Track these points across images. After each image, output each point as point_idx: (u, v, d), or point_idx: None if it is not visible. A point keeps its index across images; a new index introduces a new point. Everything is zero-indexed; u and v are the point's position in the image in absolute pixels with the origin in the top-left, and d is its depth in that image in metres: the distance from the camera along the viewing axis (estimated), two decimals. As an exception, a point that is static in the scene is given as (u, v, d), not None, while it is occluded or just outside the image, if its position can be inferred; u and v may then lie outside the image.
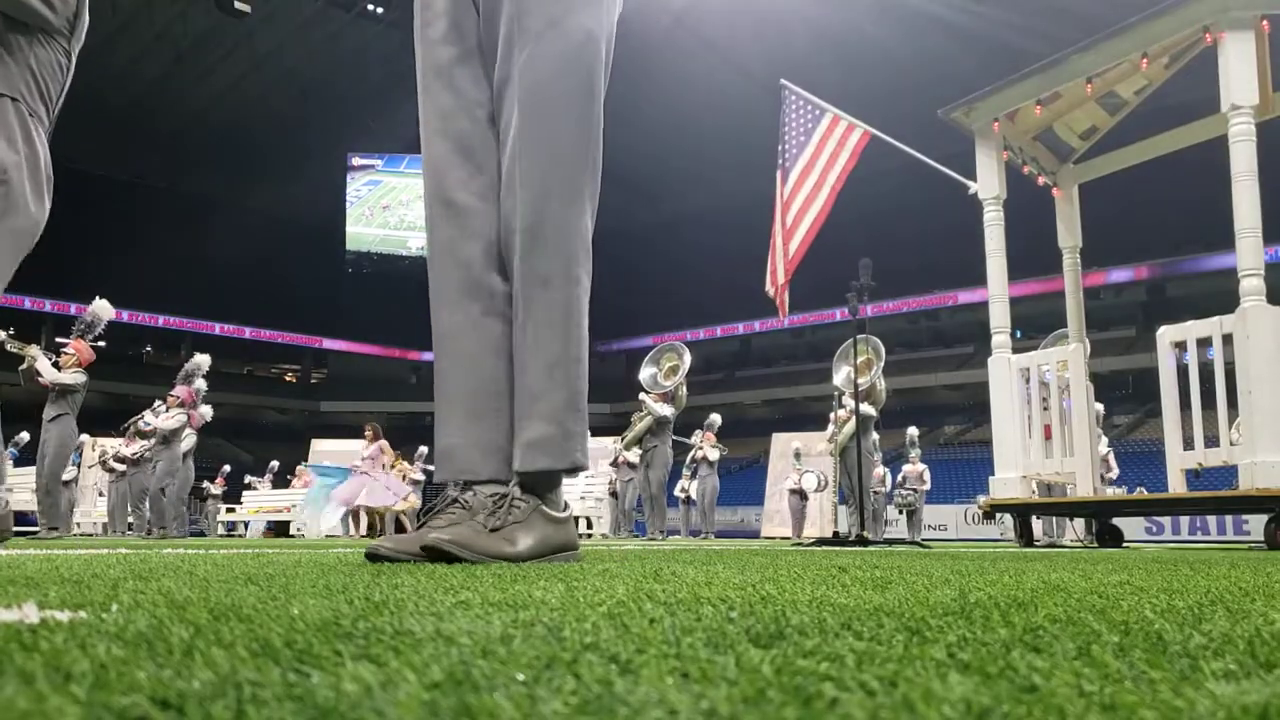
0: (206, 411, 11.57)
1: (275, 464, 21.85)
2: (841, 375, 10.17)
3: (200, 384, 11.07)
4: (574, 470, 1.94)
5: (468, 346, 2.00)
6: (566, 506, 1.99)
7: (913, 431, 16.50)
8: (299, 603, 0.86)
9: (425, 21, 2.11)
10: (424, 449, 17.36)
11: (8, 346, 7.83)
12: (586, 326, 2.00)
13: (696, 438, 13.91)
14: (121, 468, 12.63)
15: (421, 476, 15.58)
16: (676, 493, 16.17)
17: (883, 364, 10.15)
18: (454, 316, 2.01)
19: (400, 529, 12.22)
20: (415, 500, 13.17)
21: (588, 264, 2.00)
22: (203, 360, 11.08)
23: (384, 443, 12.26)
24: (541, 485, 1.93)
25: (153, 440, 10.99)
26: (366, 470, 11.99)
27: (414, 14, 2.15)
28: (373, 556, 1.84)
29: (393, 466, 12.81)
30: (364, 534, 12.50)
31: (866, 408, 9.99)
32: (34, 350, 7.69)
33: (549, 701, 0.40)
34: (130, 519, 12.32)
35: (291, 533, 17.83)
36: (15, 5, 2.84)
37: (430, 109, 2.09)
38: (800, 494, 16.11)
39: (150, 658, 0.50)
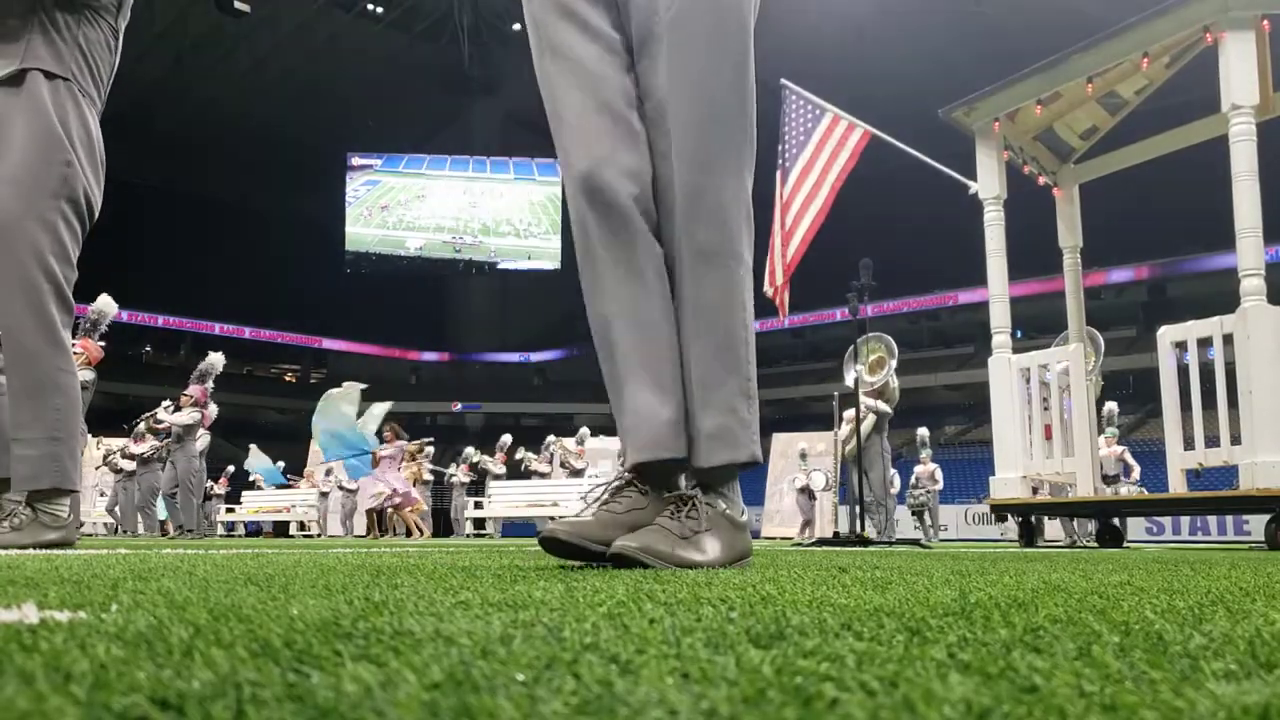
0: (213, 410, 11.60)
1: (281, 464, 21.83)
2: (851, 375, 10.07)
3: (209, 384, 11.11)
4: (752, 463, 1.79)
5: (646, 308, 1.79)
6: (743, 510, 1.83)
7: (923, 432, 16.51)
8: (299, 603, 0.86)
9: None
10: (470, 450, 17.51)
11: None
12: (752, 305, 1.85)
13: None
14: (131, 466, 12.64)
15: (430, 477, 15.62)
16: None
17: (895, 361, 10.05)
18: (623, 273, 1.80)
19: (408, 532, 12.25)
20: (423, 505, 13.20)
21: (751, 237, 1.85)
22: (217, 359, 11.09)
23: (403, 444, 12.31)
24: (720, 481, 1.78)
25: (162, 439, 11.02)
26: (383, 468, 12.05)
27: None
28: (549, 541, 1.70)
29: (410, 461, 12.88)
30: (364, 534, 12.53)
31: (881, 405, 9.89)
32: None
33: (549, 702, 0.40)
34: (141, 519, 12.33)
35: (292, 532, 17.85)
36: None
37: (556, 56, 1.86)
38: (808, 493, 16.09)
39: (150, 658, 0.50)
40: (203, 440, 11.36)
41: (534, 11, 1.91)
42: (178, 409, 10.86)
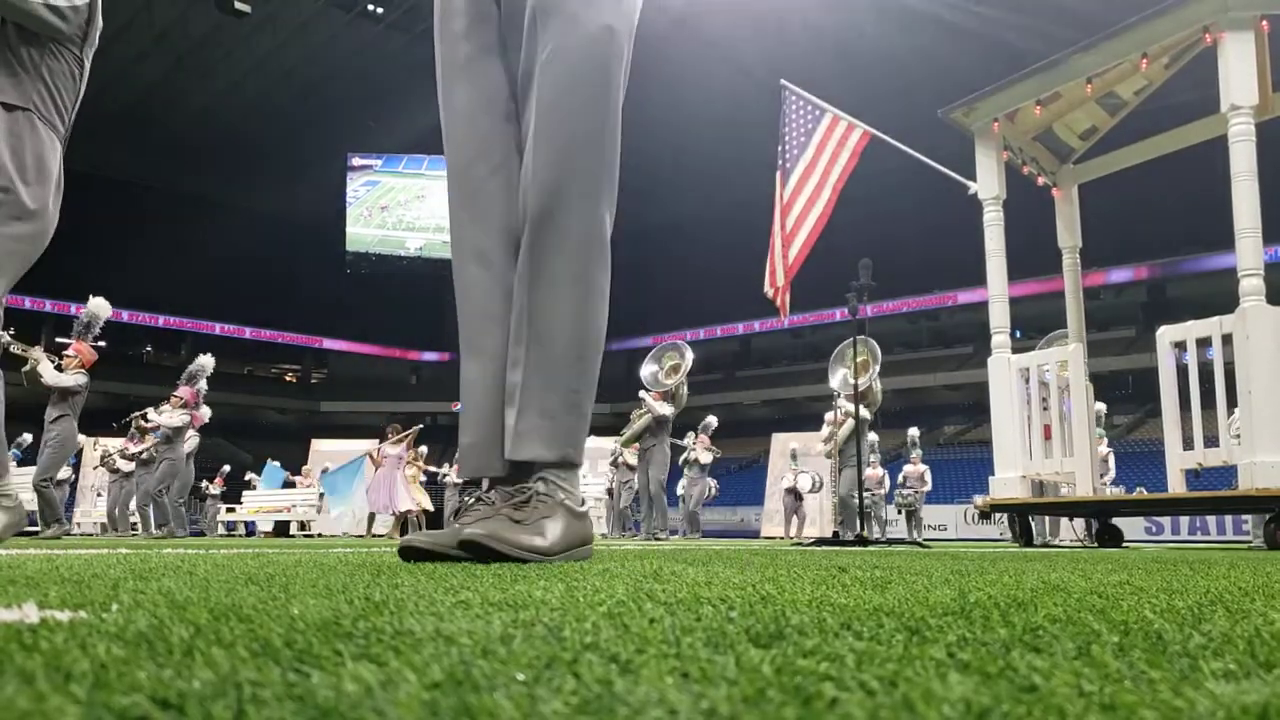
0: (205, 412, 11.59)
1: (277, 464, 21.84)
2: (838, 378, 10.15)
3: (202, 385, 11.09)
4: (563, 464, 1.92)
5: (489, 346, 2.02)
6: (584, 500, 2.00)
7: (914, 432, 16.50)
8: (299, 603, 0.86)
9: (445, 15, 2.10)
10: (423, 449, 17.43)
11: (11, 349, 7.83)
12: (602, 325, 1.98)
13: (690, 439, 13.90)
14: (129, 467, 12.63)
15: (424, 477, 15.65)
16: (678, 491, 16.19)
17: (879, 366, 10.12)
18: (477, 316, 2.03)
19: (404, 531, 12.26)
20: (427, 504, 13.24)
21: (602, 259, 1.97)
22: (207, 362, 11.10)
23: (405, 445, 12.35)
24: (559, 479, 1.92)
25: (158, 439, 11.01)
26: (389, 468, 12.10)
27: (434, 9, 2.13)
28: (407, 550, 1.85)
29: (412, 462, 12.93)
30: (370, 533, 12.55)
31: (862, 410, 9.95)
32: (37, 353, 7.68)
33: (549, 701, 0.40)
34: (134, 519, 12.32)
35: (293, 532, 17.84)
36: (28, 17, 2.86)
37: (452, 106, 2.07)
38: (795, 494, 16.12)
39: (150, 658, 0.50)
40: (191, 442, 11.35)
41: (439, 69, 2.11)
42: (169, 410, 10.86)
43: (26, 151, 2.91)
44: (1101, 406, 11.87)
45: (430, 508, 13.43)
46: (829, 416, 10.73)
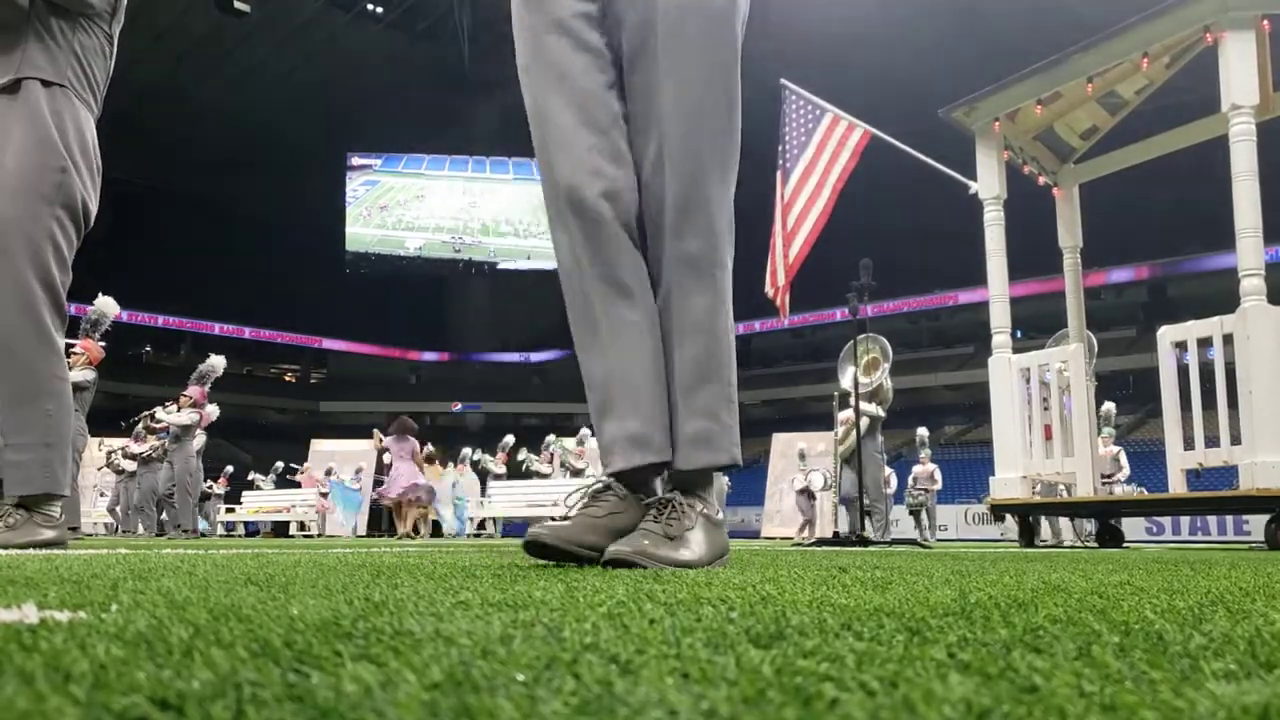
0: (213, 411, 11.61)
1: (280, 464, 21.86)
2: (848, 376, 10.05)
3: (208, 385, 11.12)
4: (731, 466, 1.84)
5: (618, 327, 1.85)
6: (720, 510, 1.89)
7: (922, 432, 16.50)
8: (299, 603, 0.86)
9: None
10: (467, 450, 17.61)
11: None
12: (731, 310, 1.90)
13: None
14: (132, 466, 12.64)
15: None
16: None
17: (890, 363, 10.02)
18: (599, 293, 1.85)
19: (417, 530, 12.28)
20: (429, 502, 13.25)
21: (732, 245, 1.89)
22: (218, 362, 11.11)
23: (413, 441, 12.35)
24: (700, 484, 1.83)
25: (164, 438, 11.03)
26: (396, 462, 12.11)
27: None
28: (533, 545, 1.74)
29: (429, 463, 12.95)
30: (395, 533, 12.56)
31: (875, 408, 9.88)
32: None
33: (549, 702, 0.40)
34: (140, 519, 12.33)
35: (292, 532, 17.85)
36: None
37: (546, 70, 1.89)
38: (808, 493, 16.10)
39: (150, 658, 0.50)
40: (199, 440, 11.36)
41: (529, 23, 1.93)
42: (178, 409, 10.88)
43: (69, 128, 2.91)
44: (1110, 406, 11.88)
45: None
46: (842, 416, 10.56)
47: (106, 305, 8.06)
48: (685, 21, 1.83)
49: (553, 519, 1.86)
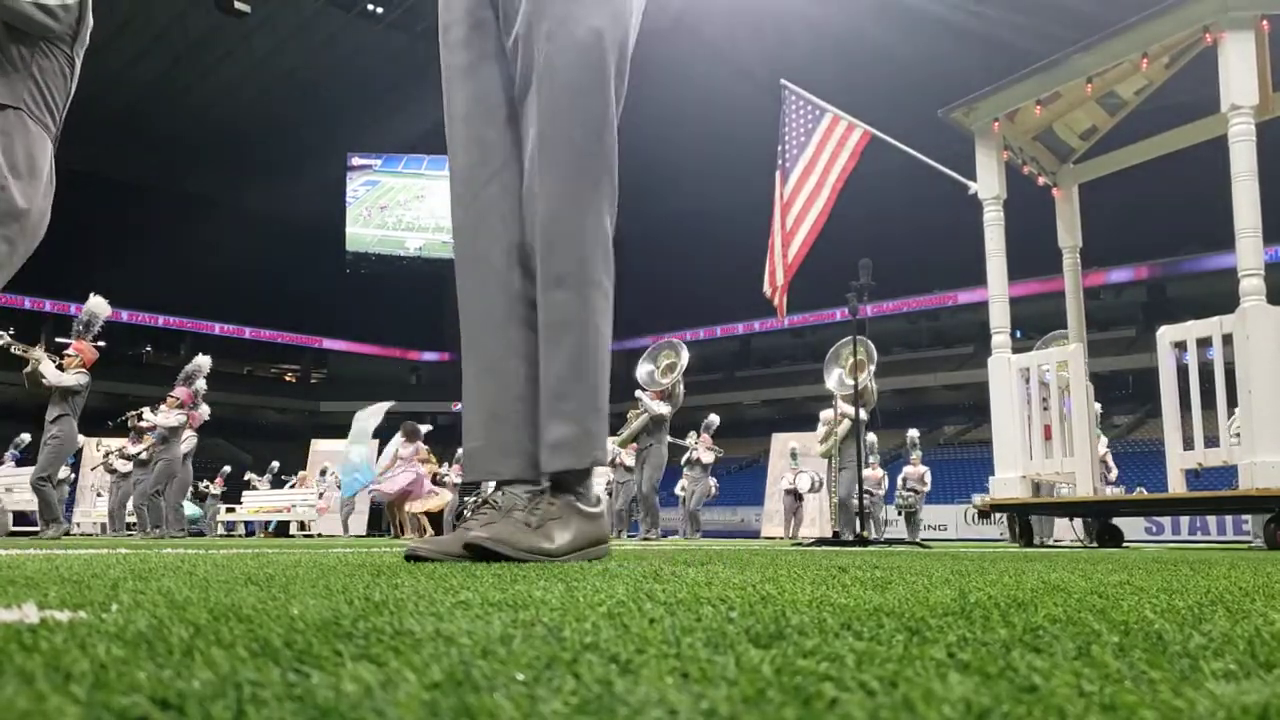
0: (204, 411, 11.58)
1: (276, 464, 21.86)
2: (833, 378, 10.13)
3: (200, 384, 11.09)
4: (594, 466, 1.97)
5: (491, 349, 2.03)
6: (598, 501, 2.02)
7: (913, 433, 16.50)
8: (299, 603, 0.86)
9: (446, 25, 2.13)
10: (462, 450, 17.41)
11: (11, 350, 7.82)
12: (608, 327, 2.01)
13: (692, 439, 13.87)
14: (127, 467, 12.62)
15: (459, 479, 15.69)
16: (677, 491, 16.20)
17: (874, 366, 10.10)
18: (478, 320, 2.06)
19: (422, 530, 12.28)
20: (448, 496, 13.26)
21: (607, 264, 2.00)
22: (204, 362, 11.10)
23: (420, 444, 12.36)
24: (572, 481, 1.96)
25: (155, 439, 11.00)
26: (399, 468, 12.13)
27: (438, 17, 2.16)
28: (412, 557, 1.87)
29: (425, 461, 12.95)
30: (396, 533, 12.56)
31: (846, 407, 9.96)
32: (37, 352, 7.67)
33: (549, 701, 0.40)
34: (132, 520, 12.31)
35: (292, 532, 17.85)
36: (17, 16, 2.85)
37: (453, 112, 2.10)
38: (795, 494, 16.12)
39: (150, 658, 0.50)
40: (189, 443, 11.34)
41: (444, 66, 2.13)
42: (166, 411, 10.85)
43: (18, 149, 2.91)
44: (1097, 407, 11.89)
45: (441, 502, 13.46)
46: (824, 416, 10.71)
47: (98, 305, 8.05)
48: (554, 54, 1.98)
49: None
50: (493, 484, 2.04)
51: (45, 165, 3.02)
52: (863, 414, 10.19)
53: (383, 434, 14.51)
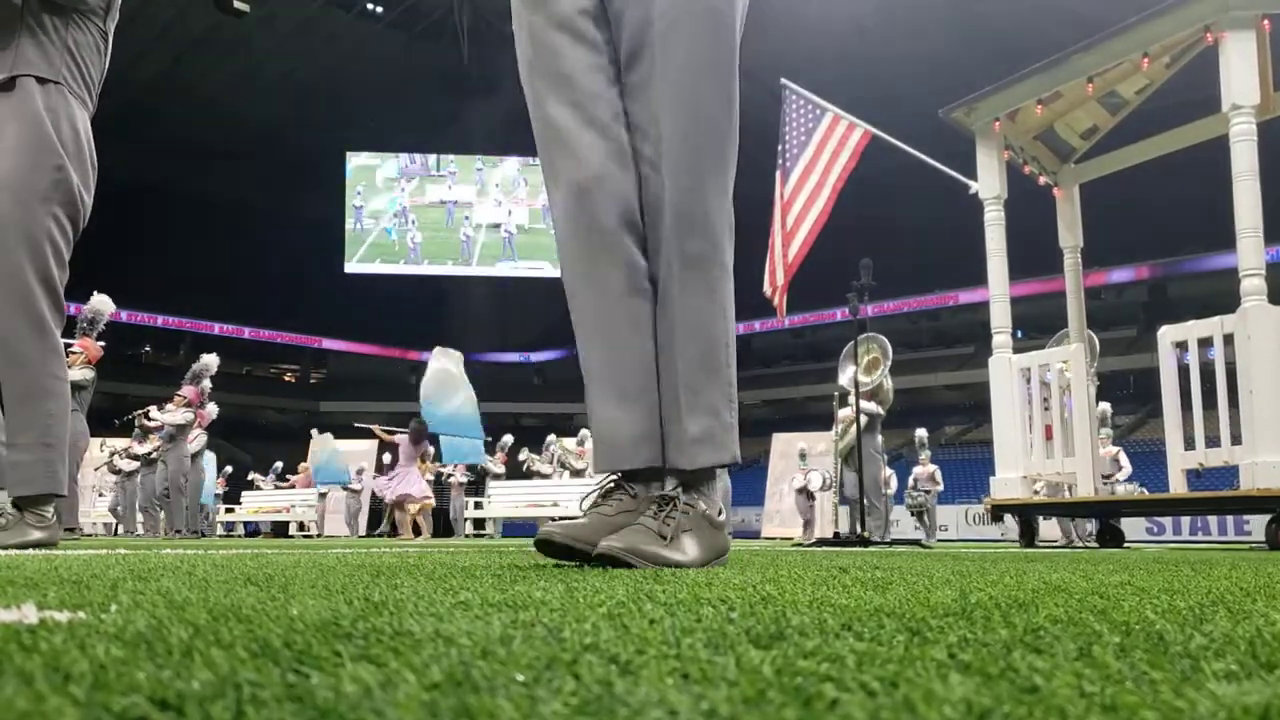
0: (212, 410, 11.60)
1: (279, 465, 21.85)
2: (847, 375, 10.08)
3: (205, 384, 11.11)
4: (732, 464, 1.86)
5: (616, 325, 1.87)
6: (722, 510, 1.90)
7: (921, 433, 16.50)
8: (298, 603, 0.86)
9: None
10: (432, 448, 17.36)
11: None
12: (733, 311, 1.91)
13: None
14: (133, 466, 12.63)
15: (430, 476, 15.66)
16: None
17: (890, 363, 10.04)
18: (596, 292, 1.88)
19: (417, 530, 12.28)
20: (431, 502, 13.25)
21: (732, 245, 1.90)
22: (211, 361, 11.10)
23: (426, 443, 12.36)
24: (702, 482, 1.85)
25: (163, 438, 11.02)
26: (403, 465, 12.14)
27: None
28: (544, 543, 1.78)
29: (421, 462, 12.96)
30: (390, 533, 12.57)
31: (874, 406, 9.89)
32: None
33: (549, 702, 0.40)
34: (140, 519, 12.32)
35: (291, 533, 17.86)
36: None
37: (548, 68, 1.90)
38: (807, 493, 16.10)
39: (150, 658, 0.50)
40: (198, 441, 11.35)
41: (528, 21, 1.94)
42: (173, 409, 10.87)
43: (64, 126, 2.90)
44: (1105, 406, 11.88)
45: (433, 503, 13.45)
46: (841, 415, 10.58)
47: (102, 303, 8.06)
48: (681, 20, 1.84)
49: (555, 519, 1.86)
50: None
51: (88, 141, 3.02)
52: (880, 410, 10.12)
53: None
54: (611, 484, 1.89)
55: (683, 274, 1.84)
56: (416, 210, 47.14)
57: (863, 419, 9.59)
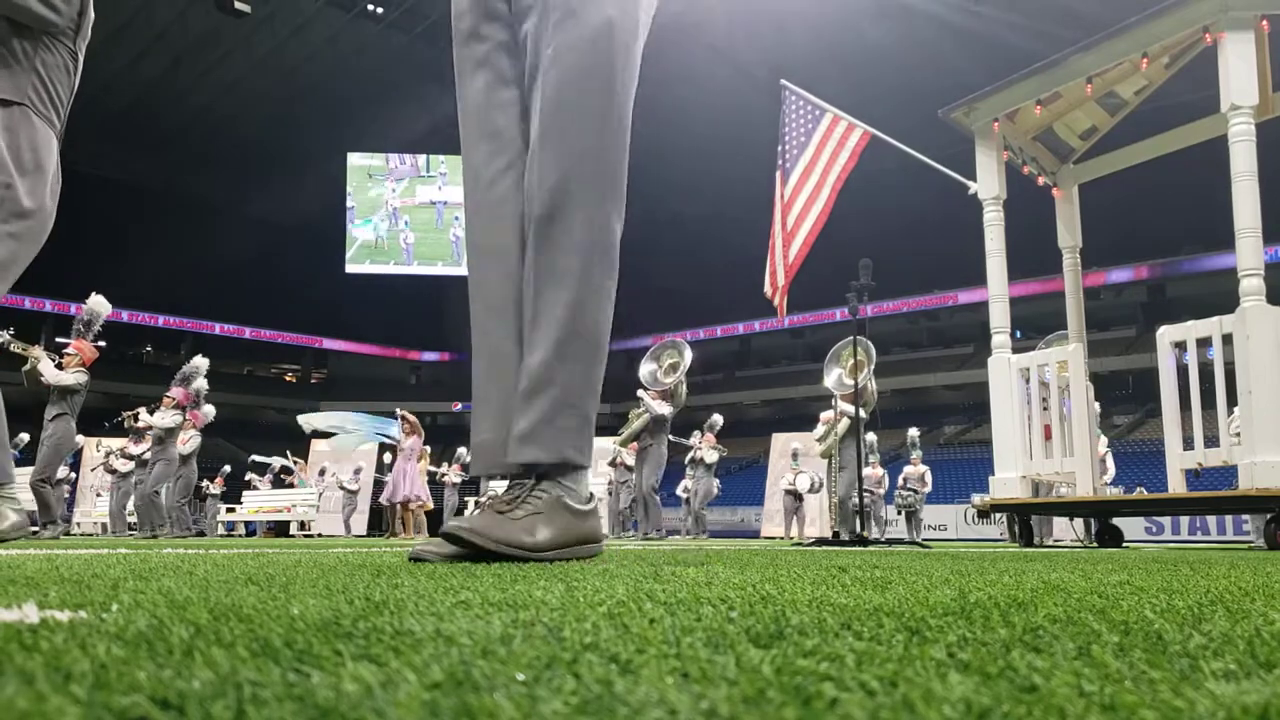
0: (209, 411, 11.57)
1: (278, 464, 21.84)
2: (832, 378, 10.15)
3: (201, 384, 11.08)
4: (563, 466, 1.90)
5: (500, 341, 1.99)
6: (591, 498, 1.97)
7: (913, 433, 16.52)
8: (299, 603, 0.86)
9: (458, 13, 2.11)
10: (463, 450, 17.31)
11: (10, 348, 7.83)
12: (605, 327, 1.96)
13: (696, 438, 13.86)
14: (128, 466, 12.62)
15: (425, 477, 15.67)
16: (679, 492, 16.19)
17: (873, 366, 10.12)
18: (487, 311, 2.01)
19: (419, 529, 12.30)
20: (429, 503, 13.24)
21: (605, 262, 1.95)
22: (201, 363, 11.10)
23: (419, 439, 12.39)
24: (561, 473, 1.90)
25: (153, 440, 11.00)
26: (401, 461, 12.16)
27: (451, 8, 2.15)
28: (416, 559, 1.85)
29: (422, 456, 12.98)
30: (391, 533, 12.58)
31: (846, 406, 9.98)
32: (37, 351, 7.67)
33: (549, 701, 0.40)
34: (131, 520, 12.31)
35: (292, 532, 17.85)
36: (19, 10, 2.84)
37: (465, 105, 2.10)
38: (795, 494, 16.12)
39: (150, 658, 0.50)
40: (193, 442, 11.34)
41: (457, 57, 2.12)
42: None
43: (23, 146, 2.89)
44: (1095, 407, 11.92)
45: (432, 505, 13.45)
46: (824, 416, 10.74)
47: (98, 304, 8.05)
48: (561, 45, 1.94)
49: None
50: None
51: (51, 162, 3.01)
52: (862, 414, 10.22)
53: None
54: (489, 498, 2.01)
55: (540, 282, 1.91)
56: (407, 211, 47.10)
57: (845, 422, 9.69)
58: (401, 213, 46.93)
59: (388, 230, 47.04)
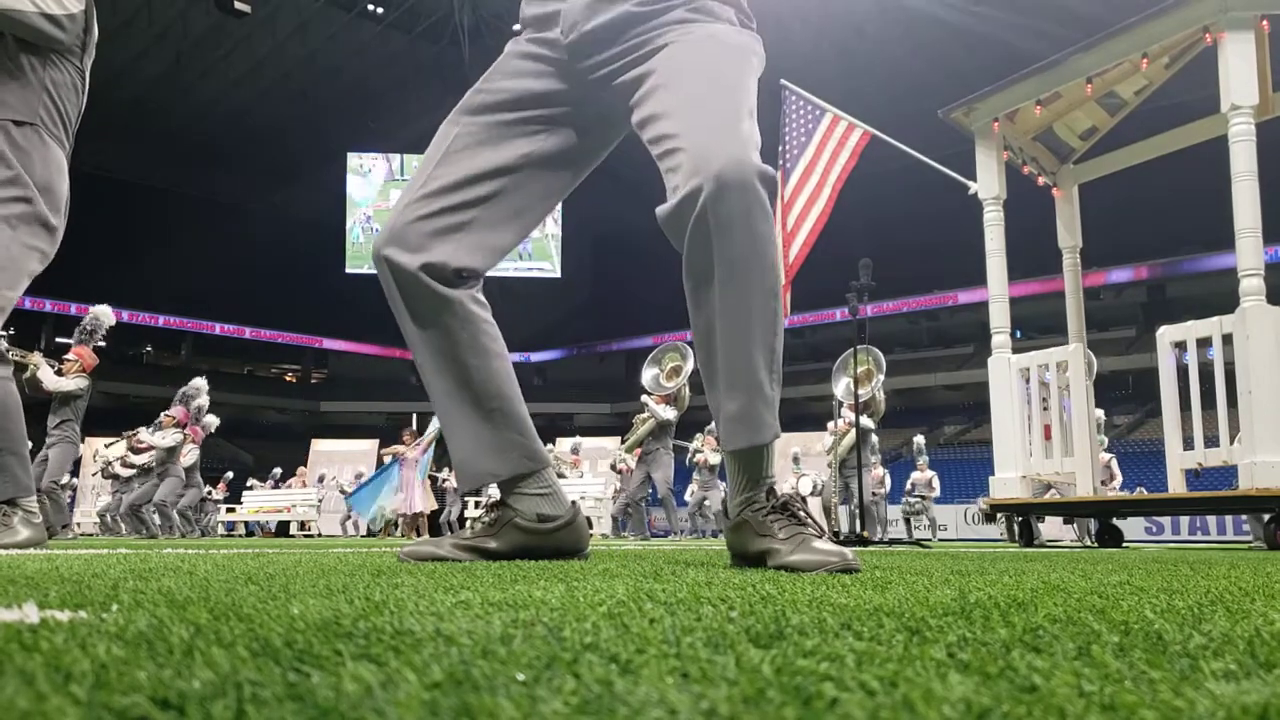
0: (211, 422, 11.59)
1: (278, 470, 21.82)
2: (841, 386, 10.16)
3: (202, 402, 11.09)
4: (496, 479, 2.05)
5: (448, 356, 2.08)
6: (569, 503, 2.09)
7: (919, 440, 16.52)
8: (299, 603, 0.86)
9: (489, 99, 2.11)
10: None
11: (9, 355, 7.82)
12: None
13: (698, 440, 13.83)
14: (129, 473, 12.64)
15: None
16: (687, 496, 16.19)
17: (883, 375, 10.14)
18: (425, 331, 2.10)
19: (418, 533, 12.32)
20: (433, 504, 13.26)
21: (773, 384, 1.91)
22: (200, 384, 11.11)
23: (421, 447, 12.40)
24: (509, 490, 2.05)
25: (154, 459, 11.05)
26: (406, 472, 12.20)
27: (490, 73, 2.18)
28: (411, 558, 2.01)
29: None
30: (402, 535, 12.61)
31: (865, 420, 9.99)
32: (36, 357, 7.67)
33: (549, 701, 0.40)
34: (124, 526, 12.32)
35: (293, 532, 17.85)
36: (25, 29, 2.84)
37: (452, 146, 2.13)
38: (797, 496, 16.09)
39: (150, 658, 0.50)
40: (191, 455, 11.36)
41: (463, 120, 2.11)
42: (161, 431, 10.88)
43: (36, 166, 2.91)
44: (1099, 413, 11.93)
45: (435, 506, 13.47)
46: (832, 426, 10.74)
47: (103, 313, 8.05)
48: (709, 205, 1.80)
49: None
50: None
51: (63, 184, 3.03)
52: (870, 422, 10.26)
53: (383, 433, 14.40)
54: (488, 504, 2.21)
55: (724, 274, 1.84)
56: (407, 211, 46.94)
57: (852, 431, 9.74)
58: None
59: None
